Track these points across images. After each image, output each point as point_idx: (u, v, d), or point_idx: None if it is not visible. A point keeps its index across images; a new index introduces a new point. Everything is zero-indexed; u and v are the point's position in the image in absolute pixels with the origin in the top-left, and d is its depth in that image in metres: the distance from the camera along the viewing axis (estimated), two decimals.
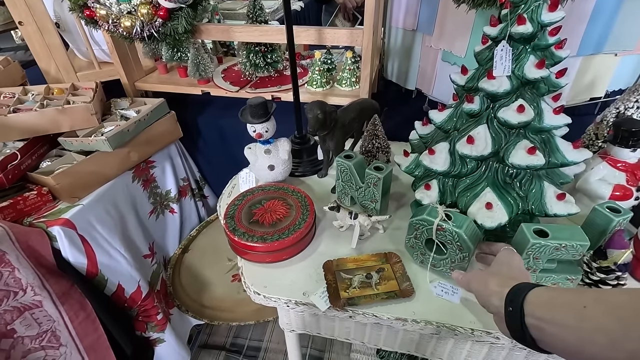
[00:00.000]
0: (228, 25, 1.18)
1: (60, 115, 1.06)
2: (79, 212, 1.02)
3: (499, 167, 0.69)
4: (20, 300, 0.91)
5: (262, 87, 1.32)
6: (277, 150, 0.91)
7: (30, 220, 0.98)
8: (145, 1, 1.06)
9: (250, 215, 0.82)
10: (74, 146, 1.09)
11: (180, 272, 1.45)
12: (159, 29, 1.10)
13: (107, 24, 1.09)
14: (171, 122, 1.29)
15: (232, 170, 1.57)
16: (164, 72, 1.48)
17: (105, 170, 1.10)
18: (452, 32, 1.09)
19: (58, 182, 0.99)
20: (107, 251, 1.11)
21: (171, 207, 1.42)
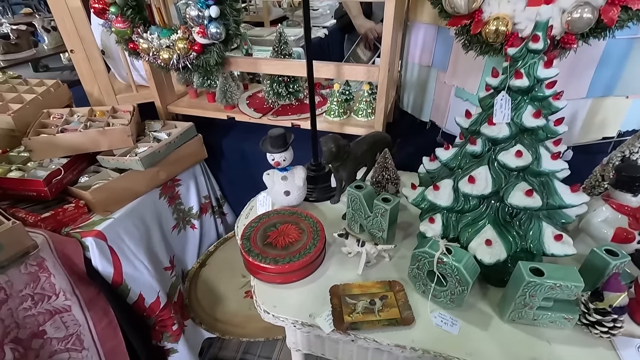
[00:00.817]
0: (255, 59, 1.28)
1: (101, 136, 1.17)
2: (110, 224, 1.12)
3: (500, 205, 0.73)
4: (52, 304, 1.00)
5: (283, 114, 1.41)
6: (293, 177, 0.97)
7: (67, 230, 1.08)
8: (183, 37, 1.17)
9: (265, 237, 0.88)
10: (110, 164, 1.20)
11: (197, 286, 1.51)
12: (193, 61, 1.21)
13: (148, 56, 1.21)
14: (198, 144, 1.39)
15: (251, 190, 1.65)
16: (194, 97, 1.60)
17: (136, 187, 1.19)
18: (465, 70, 1.15)
19: (94, 197, 1.09)
20: (132, 262, 1.19)
21: (192, 222, 1.50)
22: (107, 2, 1.15)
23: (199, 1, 1.07)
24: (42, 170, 1.11)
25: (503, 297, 0.73)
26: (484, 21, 0.80)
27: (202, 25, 1.12)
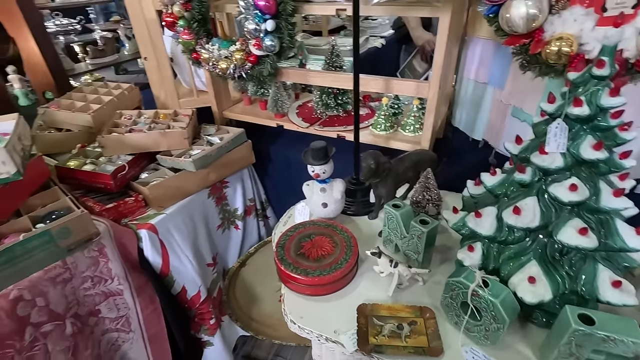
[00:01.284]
0: (305, 70, 1.32)
1: (162, 137, 1.28)
2: (162, 219, 1.21)
3: (548, 241, 0.67)
4: (108, 287, 1.11)
5: (330, 125, 1.42)
6: (332, 189, 0.98)
7: (126, 221, 1.19)
8: (240, 49, 1.24)
9: (299, 247, 0.90)
10: (168, 163, 1.30)
11: (236, 284, 1.58)
12: (248, 71, 1.28)
13: (208, 65, 1.31)
14: (247, 149, 1.46)
15: (294, 198, 1.68)
16: (248, 104, 1.68)
17: (188, 187, 1.28)
18: (524, 89, 1.08)
19: (151, 193, 1.19)
20: (179, 256, 1.28)
21: (236, 223, 1.58)
22: (176, 16, 1.25)
23: (257, 15, 1.13)
24: (110, 165, 1.24)
25: (546, 340, 0.67)
26: (544, 41, 0.74)
27: (258, 37, 1.17)
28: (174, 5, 1.23)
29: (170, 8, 1.24)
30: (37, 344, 0.94)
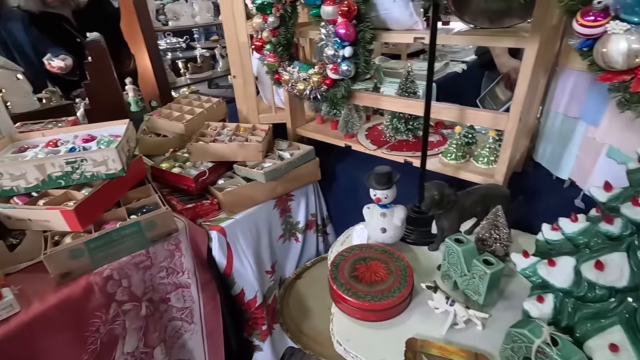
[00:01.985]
0: (377, 95, 1.35)
1: (240, 149, 1.40)
2: (232, 224, 1.32)
3: (639, 306, 0.58)
4: (178, 279, 1.23)
5: (398, 150, 1.42)
6: (392, 215, 0.98)
7: (200, 222, 1.32)
8: (318, 72, 1.32)
9: (353, 269, 0.90)
10: (242, 173, 1.41)
11: (290, 295, 1.62)
12: (323, 93, 1.34)
13: (287, 86, 1.40)
14: (314, 166, 1.52)
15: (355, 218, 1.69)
16: (320, 123, 1.76)
17: (257, 196, 1.38)
18: (623, 128, 0.96)
19: (225, 198, 1.31)
20: (241, 259, 1.37)
21: (297, 236, 1.63)
22: (264, 41, 1.38)
23: (336, 42, 1.19)
24: (194, 170, 1.39)
25: None
26: None
27: (335, 62, 1.23)
28: (264, 31, 1.35)
29: (260, 34, 1.37)
30: (118, 319, 1.08)
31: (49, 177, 1.05)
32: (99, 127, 1.32)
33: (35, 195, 1.08)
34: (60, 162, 1.04)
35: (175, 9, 2.32)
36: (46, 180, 1.05)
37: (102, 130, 1.30)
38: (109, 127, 1.32)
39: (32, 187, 1.05)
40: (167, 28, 2.37)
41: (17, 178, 1.02)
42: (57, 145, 1.20)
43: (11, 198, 1.06)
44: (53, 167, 1.04)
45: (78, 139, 1.24)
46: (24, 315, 0.89)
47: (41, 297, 0.93)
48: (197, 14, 2.43)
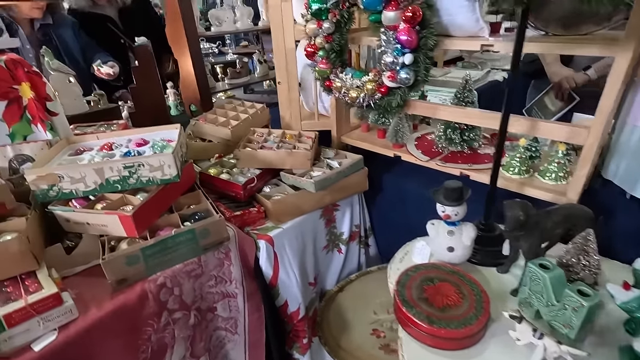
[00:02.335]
0: (435, 104, 1.28)
1: (288, 156, 1.37)
2: (279, 233, 1.28)
3: None
4: (226, 288, 1.20)
5: (452, 161, 1.35)
6: (461, 234, 0.91)
7: (248, 230, 1.29)
8: (373, 80, 1.27)
9: (421, 290, 0.85)
10: (289, 181, 1.38)
11: (331, 308, 1.57)
12: (376, 101, 1.30)
13: (339, 93, 1.37)
14: (362, 176, 1.47)
15: (401, 230, 1.62)
16: (365, 131, 1.71)
17: (305, 206, 1.34)
18: None
19: (273, 206, 1.28)
20: (287, 270, 1.33)
21: (340, 247, 1.59)
22: (317, 47, 1.35)
23: (396, 49, 1.15)
24: (241, 177, 1.37)
25: None
26: None
27: (393, 70, 1.19)
28: (317, 37, 1.32)
29: (313, 40, 1.34)
30: (168, 328, 1.06)
31: (107, 181, 1.05)
32: (150, 131, 1.32)
33: (92, 198, 1.08)
34: (119, 166, 1.04)
35: (218, 14, 2.34)
36: (104, 184, 1.05)
37: (153, 134, 1.30)
38: (160, 131, 1.32)
39: (90, 190, 1.05)
40: (209, 33, 2.40)
41: (76, 181, 1.02)
42: (111, 149, 1.21)
43: (69, 201, 1.06)
44: (111, 171, 1.04)
45: (131, 142, 1.24)
46: (82, 322, 0.88)
47: (98, 303, 0.92)
48: (239, 20, 2.45)
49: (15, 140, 1.16)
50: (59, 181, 1.01)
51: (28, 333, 0.82)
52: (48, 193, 1.02)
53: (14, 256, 0.87)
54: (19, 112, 1.14)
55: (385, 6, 1.11)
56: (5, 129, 1.14)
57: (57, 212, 1.01)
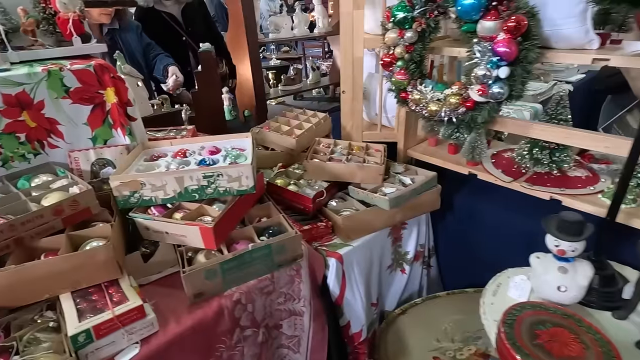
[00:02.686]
0: (527, 122, 1.18)
1: (359, 170, 1.31)
2: (350, 251, 1.22)
3: None
4: (294, 306, 1.15)
5: (539, 184, 1.23)
6: (575, 272, 0.81)
7: (316, 245, 1.24)
8: (457, 93, 1.19)
9: (533, 335, 0.75)
10: (359, 196, 1.32)
11: (389, 331, 1.49)
12: (459, 116, 1.21)
13: (416, 106, 1.29)
14: (435, 195, 1.38)
15: (469, 254, 1.53)
16: (433, 145, 1.62)
17: (376, 223, 1.27)
18: None
19: (344, 223, 1.22)
20: (353, 289, 1.27)
21: (403, 267, 1.50)
22: (396, 57, 1.28)
23: (491, 61, 1.06)
24: (309, 189, 1.33)
25: None
26: None
27: (484, 84, 1.10)
28: (397, 46, 1.26)
29: (393, 49, 1.28)
30: (239, 345, 1.02)
31: (185, 189, 1.03)
32: (221, 139, 1.30)
33: (170, 207, 1.06)
34: (198, 175, 1.02)
35: (277, 21, 2.34)
36: (182, 193, 1.03)
37: (224, 142, 1.28)
38: (231, 139, 1.30)
39: (168, 198, 1.03)
40: (268, 40, 2.40)
41: (157, 189, 1.01)
42: (185, 156, 1.19)
43: (148, 208, 1.05)
44: (191, 180, 1.02)
45: (204, 150, 1.23)
46: (162, 336, 0.86)
47: (177, 318, 0.90)
48: (296, 27, 2.43)
49: (96, 143, 1.17)
50: (141, 188, 1.00)
51: (113, 345, 0.80)
52: (129, 200, 1.01)
53: (100, 264, 0.86)
54: (102, 117, 1.15)
55: (483, 15, 1.03)
56: (88, 132, 1.15)
57: (138, 219, 1.00)
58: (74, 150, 1.13)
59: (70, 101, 1.09)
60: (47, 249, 0.89)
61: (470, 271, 1.54)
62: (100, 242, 0.90)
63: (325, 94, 3.11)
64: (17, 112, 1.02)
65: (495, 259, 1.42)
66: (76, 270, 0.84)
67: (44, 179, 1.03)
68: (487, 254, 1.44)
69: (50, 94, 1.05)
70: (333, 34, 2.66)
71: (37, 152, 1.10)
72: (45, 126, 1.08)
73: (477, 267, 1.50)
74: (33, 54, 1.10)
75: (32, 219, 0.86)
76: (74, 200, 0.92)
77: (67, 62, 1.08)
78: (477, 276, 1.50)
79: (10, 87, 0.98)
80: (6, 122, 1.01)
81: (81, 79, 1.08)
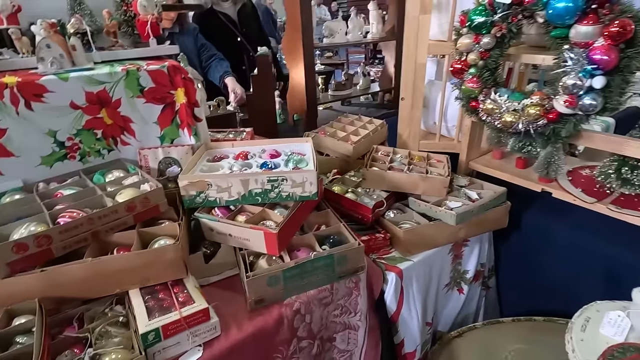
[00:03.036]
0: (621, 138, 1.06)
1: (422, 181, 1.25)
2: (410, 266, 1.16)
3: None
4: (349, 320, 1.11)
5: (629, 207, 1.11)
6: None
7: (373, 258, 1.19)
8: (537, 103, 1.10)
9: None
10: (420, 208, 1.25)
11: (443, 353, 1.39)
12: (538, 128, 1.12)
13: (489, 116, 1.21)
14: (503, 212, 1.29)
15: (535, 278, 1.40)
16: (498, 157, 1.52)
17: (438, 238, 1.20)
18: None
19: (405, 236, 1.16)
20: (410, 307, 1.20)
21: (461, 286, 1.41)
22: (468, 63, 1.21)
23: (584, 70, 0.96)
24: (367, 198, 1.28)
25: None
26: None
27: (573, 94, 1.00)
28: (471, 53, 1.19)
29: (465, 55, 1.20)
30: (294, 356, 0.99)
31: (249, 192, 1.02)
32: (281, 143, 1.29)
33: (233, 209, 1.06)
34: (263, 179, 1.00)
35: (332, 26, 2.33)
36: (246, 196, 1.02)
37: (284, 146, 1.27)
38: (290, 143, 1.29)
39: (232, 200, 1.03)
40: (322, 45, 2.39)
41: (222, 190, 1.01)
42: (247, 158, 1.19)
43: (212, 209, 1.06)
44: (255, 183, 1.01)
45: (265, 153, 1.22)
46: (224, 341, 0.84)
47: (239, 323, 0.88)
48: (350, 32, 2.41)
49: (163, 142, 1.20)
50: (207, 189, 1.01)
51: (178, 346, 0.80)
52: (195, 199, 1.02)
53: (168, 262, 0.87)
54: (171, 116, 1.18)
55: (579, 19, 0.94)
56: (157, 131, 1.18)
57: (204, 220, 1.00)
58: (144, 148, 1.16)
59: (144, 100, 1.12)
60: (119, 243, 0.91)
61: (534, 296, 1.42)
62: (168, 241, 0.90)
63: (374, 100, 3.05)
64: (97, 109, 1.06)
65: (568, 285, 1.29)
66: (146, 267, 0.85)
67: (117, 175, 1.07)
68: (557, 280, 1.32)
69: (126, 93, 1.09)
70: (387, 40, 2.62)
71: (110, 148, 1.14)
72: (120, 124, 1.12)
73: (544, 293, 1.38)
74: (113, 54, 1.15)
75: (107, 214, 0.88)
76: (145, 197, 0.94)
77: (144, 63, 1.12)
78: (543, 302, 1.38)
79: (93, 86, 1.03)
80: (87, 119, 1.06)
81: (155, 79, 1.11)
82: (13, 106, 0.95)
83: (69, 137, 1.05)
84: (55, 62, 1.00)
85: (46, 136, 1.02)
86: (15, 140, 0.98)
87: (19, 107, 0.96)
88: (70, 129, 1.05)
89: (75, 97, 1.02)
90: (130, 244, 0.88)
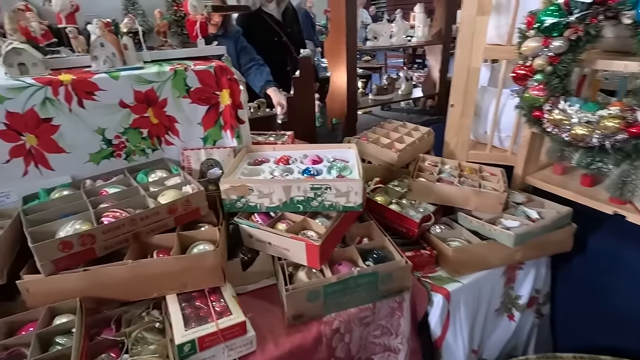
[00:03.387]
0: None
1: (474, 195, 1.15)
2: (459, 289, 1.06)
3: None
4: (390, 341, 1.03)
5: None
6: None
7: (418, 276, 1.10)
8: (616, 115, 0.97)
9: None
10: (471, 225, 1.15)
11: None
12: (616, 143, 0.99)
13: (556, 128, 1.09)
14: (567, 235, 1.16)
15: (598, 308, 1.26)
16: (559, 173, 1.38)
17: (491, 260, 1.10)
18: None
19: (454, 255, 1.06)
20: (455, 333, 1.10)
21: (512, 312, 1.28)
22: (533, 69, 1.10)
23: None
24: (412, 211, 1.19)
25: None
26: None
27: None
28: (538, 57, 1.08)
29: (531, 60, 1.09)
30: None
31: (291, 200, 0.97)
32: (323, 149, 1.24)
33: (273, 216, 1.02)
34: (306, 186, 0.95)
35: (376, 29, 2.26)
36: (287, 203, 0.98)
37: (326, 152, 1.22)
38: (332, 149, 1.23)
39: (273, 207, 0.99)
40: (366, 48, 2.33)
41: (263, 196, 0.97)
42: (288, 163, 1.15)
43: (252, 215, 1.02)
44: (298, 190, 0.96)
45: (307, 159, 1.17)
46: (260, 356, 0.80)
47: (275, 339, 0.83)
48: (395, 35, 2.32)
49: (206, 143, 1.18)
50: (249, 194, 0.97)
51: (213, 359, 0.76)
52: (235, 204, 0.99)
53: (207, 269, 0.84)
54: (215, 117, 1.16)
55: None
56: (200, 132, 1.17)
57: (244, 225, 0.96)
58: (187, 148, 1.15)
59: (189, 100, 1.11)
60: (159, 246, 0.89)
61: (597, 328, 1.27)
62: (207, 246, 0.88)
63: (415, 105, 2.94)
64: (144, 108, 1.06)
65: None
66: (185, 272, 0.82)
67: (159, 175, 1.06)
68: (629, 312, 1.17)
69: (173, 93, 1.08)
70: (433, 43, 2.51)
71: (155, 147, 1.14)
72: (165, 123, 1.11)
73: (611, 326, 1.23)
74: (162, 54, 1.15)
75: (149, 215, 0.86)
76: (187, 200, 0.92)
77: (191, 63, 1.11)
78: (610, 336, 1.22)
79: (142, 85, 1.03)
80: (134, 118, 1.06)
81: (202, 79, 1.09)
82: (66, 103, 0.96)
83: (116, 135, 1.06)
84: (107, 60, 1.01)
85: (95, 134, 1.03)
86: (67, 137, 0.99)
87: (72, 105, 0.97)
88: (118, 127, 1.05)
89: (125, 95, 1.02)
90: (170, 247, 0.86)
